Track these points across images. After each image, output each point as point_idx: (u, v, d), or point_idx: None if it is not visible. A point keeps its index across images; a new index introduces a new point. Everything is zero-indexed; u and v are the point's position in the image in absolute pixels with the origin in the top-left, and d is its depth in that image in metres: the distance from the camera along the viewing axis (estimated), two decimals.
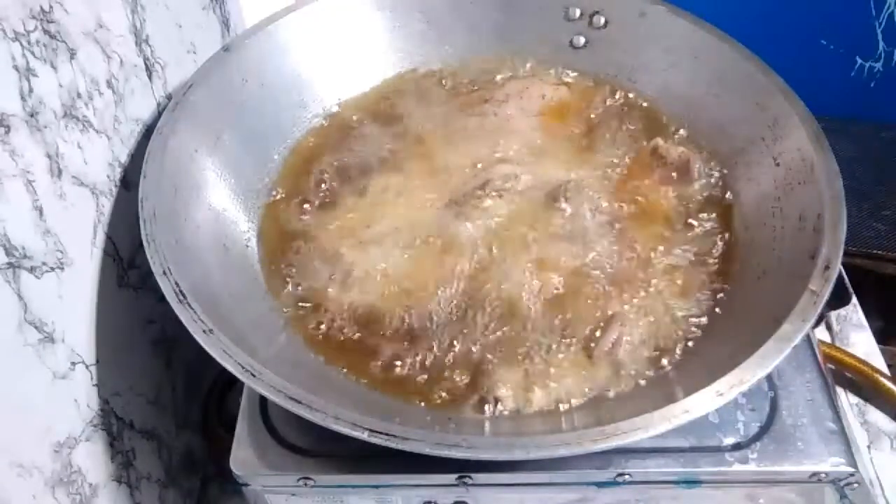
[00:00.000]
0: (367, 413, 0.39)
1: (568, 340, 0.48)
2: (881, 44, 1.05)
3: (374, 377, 0.47)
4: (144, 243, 0.45)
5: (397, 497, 0.45)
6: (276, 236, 0.55)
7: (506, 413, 0.45)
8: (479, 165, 0.59)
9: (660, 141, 0.60)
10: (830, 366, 0.61)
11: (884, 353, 0.70)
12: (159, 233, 0.45)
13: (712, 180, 0.57)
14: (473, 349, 0.48)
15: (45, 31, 0.42)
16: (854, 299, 0.72)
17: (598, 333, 0.48)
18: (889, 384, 0.65)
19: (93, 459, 0.47)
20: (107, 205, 0.48)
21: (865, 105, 1.09)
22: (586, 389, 0.46)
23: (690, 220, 0.55)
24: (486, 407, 0.45)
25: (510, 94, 0.65)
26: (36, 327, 0.40)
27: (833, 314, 0.72)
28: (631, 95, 0.65)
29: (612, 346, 0.47)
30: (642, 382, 0.46)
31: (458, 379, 0.47)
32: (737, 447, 0.44)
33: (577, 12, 0.66)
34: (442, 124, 0.63)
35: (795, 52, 0.93)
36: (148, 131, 0.52)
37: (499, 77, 0.67)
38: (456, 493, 0.44)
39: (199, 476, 0.63)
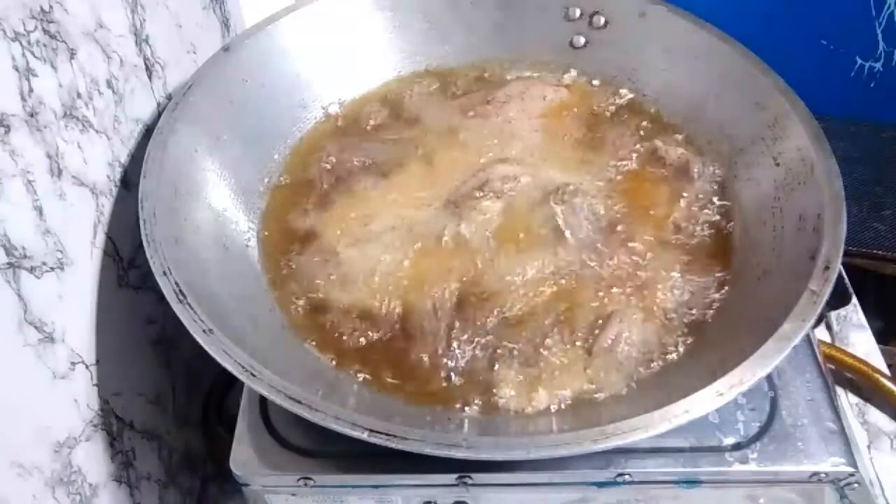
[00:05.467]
0: (367, 413, 0.39)
1: (567, 339, 0.48)
2: (881, 44, 1.05)
3: (373, 376, 0.47)
4: (144, 243, 0.45)
5: (397, 497, 0.45)
6: (275, 236, 0.55)
7: (506, 413, 0.45)
8: (479, 166, 0.59)
9: (659, 142, 0.60)
10: (830, 366, 0.61)
11: (884, 353, 0.70)
12: (159, 233, 0.45)
13: (712, 181, 0.57)
14: (473, 349, 0.48)
15: (45, 31, 0.42)
16: (854, 299, 0.72)
17: (597, 331, 0.48)
18: (889, 384, 0.65)
19: (93, 459, 0.47)
20: (107, 205, 0.48)
21: (865, 105, 1.09)
22: (586, 388, 0.46)
23: (690, 221, 0.55)
24: (487, 406, 0.45)
25: (511, 95, 0.65)
26: (36, 327, 0.40)
27: (833, 314, 0.72)
28: (631, 96, 0.65)
29: (611, 343, 0.47)
30: (642, 381, 0.46)
31: (458, 378, 0.47)
32: (737, 447, 0.44)
33: (577, 12, 0.66)
34: (442, 125, 0.63)
35: (795, 52, 0.93)
36: (148, 131, 0.52)
37: (499, 78, 0.67)
38: (456, 493, 0.44)
39: (199, 476, 0.63)
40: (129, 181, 0.51)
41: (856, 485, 0.43)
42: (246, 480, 0.44)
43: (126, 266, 0.51)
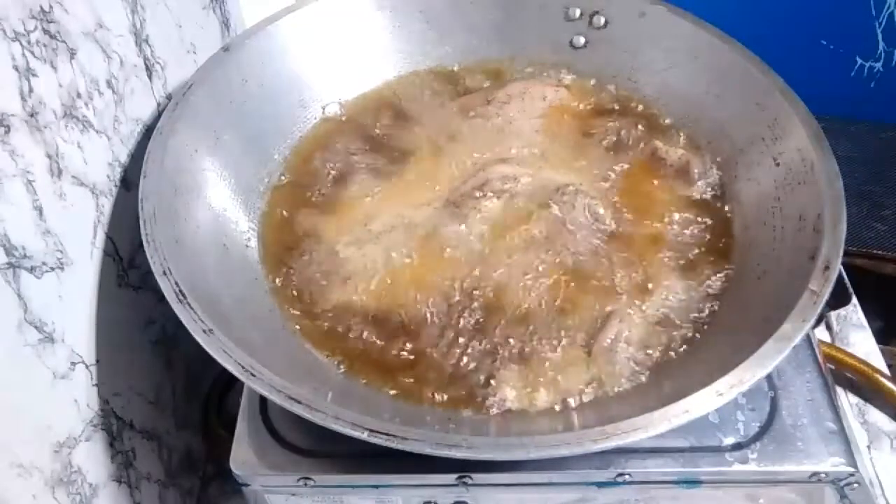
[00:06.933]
0: (368, 413, 0.39)
1: (567, 338, 0.48)
2: (881, 44, 1.05)
3: (373, 376, 0.47)
4: (144, 243, 0.45)
5: (397, 497, 0.45)
6: (275, 236, 0.55)
7: (506, 413, 0.45)
8: (479, 166, 0.59)
9: (659, 143, 0.60)
10: (830, 366, 0.61)
11: (884, 353, 0.70)
12: (159, 233, 0.45)
13: (712, 181, 0.57)
14: (472, 349, 0.48)
15: (45, 31, 0.42)
16: (854, 299, 0.72)
17: (597, 331, 0.48)
18: (889, 384, 0.65)
19: (93, 459, 0.47)
20: (107, 205, 0.48)
21: (865, 105, 1.09)
22: (586, 387, 0.46)
23: (690, 221, 0.55)
24: (487, 407, 0.45)
25: (512, 96, 0.65)
26: (36, 327, 0.40)
27: (833, 314, 0.72)
28: (631, 96, 0.65)
29: (610, 343, 0.47)
30: (642, 381, 0.46)
31: (458, 378, 0.47)
32: (737, 447, 0.44)
33: (577, 12, 0.66)
34: (442, 125, 0.63)
35: (795, 52, 0.93)
36: (148, 131, 0.52)
37: (499, 78, 0.67)
38: (456, 493, 0.44)
39: (199, 476, 0.63)
40: (129, 181, 0.51)
41: (856, 485, 0.43)
42: (246, 480, 0.44)
43: (126, 266, 0.51)
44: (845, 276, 0.57)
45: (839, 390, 0.66)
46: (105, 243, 0.48)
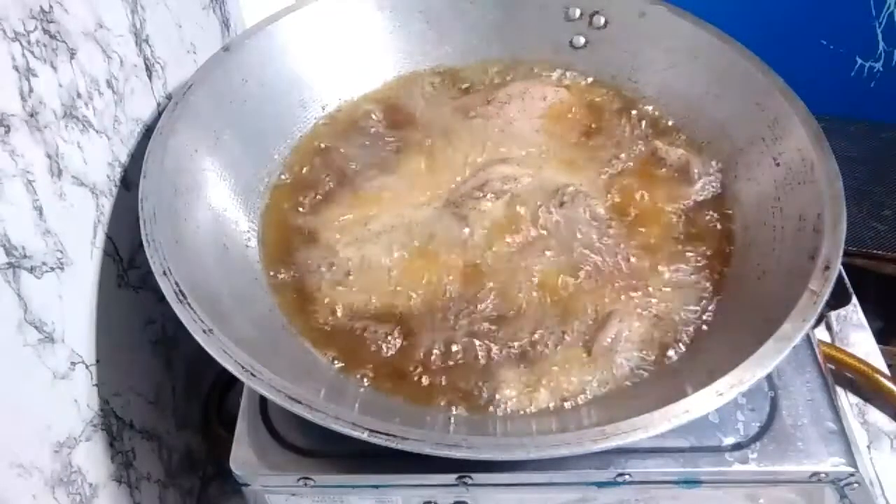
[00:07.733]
0: (367, 413, 0.39)
1: (567, 338, 0.48)
2: (881, 44, 1.05)
3: (372, 376, 0.47)
4: (144, 243, 0.45)
5: (397, 497, 0.45)
6: (275, 236, 0.55)
7: (506, 413, 0.45)
8: (479, 166, 0.59)
9: (659, 143, 0.60)
10: (830, 366, 0.61)
11: (884, 353, 0.70)
12: (159, 233, 0.45)
13: (712, 181, 0.57)
14: (473, 348, 0.48)
15: (45, 31, 0.42)
16: (854, 299, 0.72)
17: (597, 330, 0.48)
18: (889, 384, 0.65)
19: (93, 459, 0.47)
20: (107, 205, 0.48)
21: (865, 105, 1.09)
22: (586, 387, 0.46)
23: (690, 221, 0.55)
24: (486, 406, 0.45)
25: (512, 96, 0.65)
26: (36, 327, 0.40)
27: (833, 314, 0.72)
28: (631, 96, 0.65)
29: (611, 343, 0.47)
30: (642, 381, 0.46)
31: (458, 378, 0.47)
32: (737, 447, 0.44)
33: (577, 12, 0.66)
34: (442, 125, 0.63)
35: (795, 52, 0.93)
36: (148, 131, 0.52)
37: (499, 78, 0.67)
38: (456, 493, 0.44)
39: (199, 476, 0.63)
40: (129, 181, 0.51)
41: (856, 485, 0.43)
42: (246, 480, 0.44)
43: (126, 266, 0.51)
44: (845, 276, 0.57)
45: (839, 390, 0.66)
46: (105, 243, 0.48)
